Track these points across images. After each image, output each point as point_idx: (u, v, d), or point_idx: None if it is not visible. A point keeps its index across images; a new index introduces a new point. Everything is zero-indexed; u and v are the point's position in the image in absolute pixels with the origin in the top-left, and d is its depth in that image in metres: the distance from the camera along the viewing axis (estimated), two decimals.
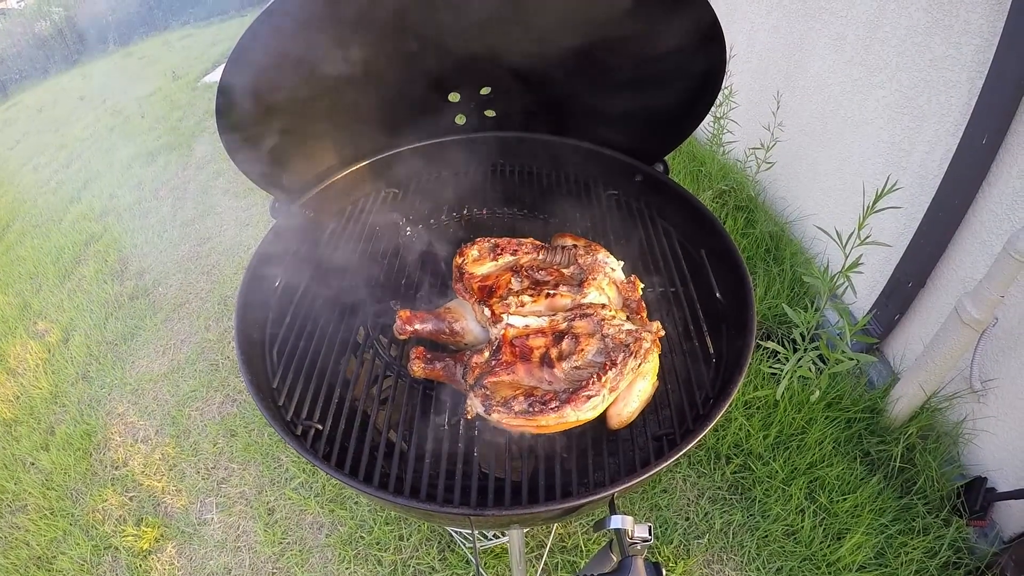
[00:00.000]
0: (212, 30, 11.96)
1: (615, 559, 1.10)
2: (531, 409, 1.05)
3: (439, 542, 2.43)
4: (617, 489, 0.99)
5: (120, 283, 4.30)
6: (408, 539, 2.44)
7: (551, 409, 1.05)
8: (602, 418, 1.13)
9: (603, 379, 1.07)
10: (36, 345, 3.87)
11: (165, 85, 8.50)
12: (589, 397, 1.06)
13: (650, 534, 0.99)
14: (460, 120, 1.94)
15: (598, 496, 0.98)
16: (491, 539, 2.26)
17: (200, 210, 5.08)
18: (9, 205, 6.07)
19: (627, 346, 1.13)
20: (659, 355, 1.20)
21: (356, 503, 2.61)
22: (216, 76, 8.45)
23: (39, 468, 3.05)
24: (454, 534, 2.37)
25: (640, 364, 1.11)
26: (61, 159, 6.86)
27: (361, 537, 2.49)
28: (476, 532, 1.11)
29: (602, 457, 1.21)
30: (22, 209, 5.87)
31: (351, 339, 1.46)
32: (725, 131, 3.91)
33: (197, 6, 13.29)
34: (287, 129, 1.58)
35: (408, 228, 1.80)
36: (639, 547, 0.99)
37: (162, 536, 2.66)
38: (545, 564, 2.31)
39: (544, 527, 2.40)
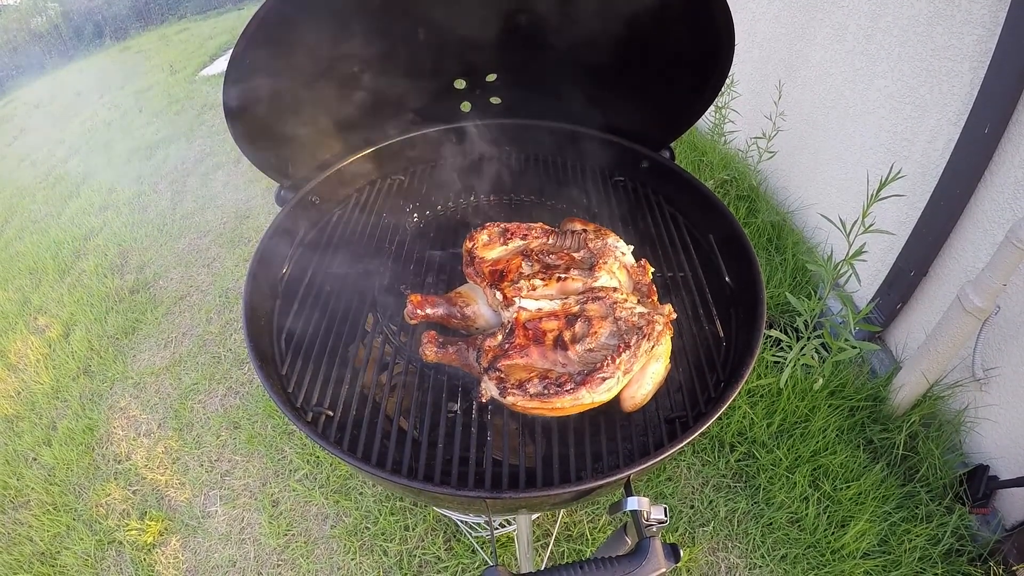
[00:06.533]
0: (209, 23, 11.90)
1: (630, 542, 1.10)
2: (546, 391, 1.05)
3: (444, 532, 2.43)
4: (633, 471, 0.99)
5: (120, 277, 4.29)
6: (414, 529, 2.45)
7: (566, 391, 1.05)
8: (614, 402, 1.13)
9: (618, 361, 1.07)
10: (37, 340, 3.86)
11: (163, 79, 8.46)
12: (604, 379, 1.06)
13: (666, 515, 1.00)
14: (466, 107, 1.93)
15: (615, 478, 0.98)
16: (497, 528, 2.26)
17: (200, 203, 5.06)
18: (8, 200, 6.04)
19: (640, 328, 1.13)
20: (671, 338, 1.20)
21: (361, 494, 2.61)
22: (214, 69, 8.46)
23: (41, 464, 3.05)
24: (460, 524, 2.38)
25: (653, 346, 1.12)
26: (59, 154, 6.82)
27: (366, 528, 2.50)
28: (489, 517, 1.11)
29: (615, 441, 1.21)
30: (21, 204, 5.84)
31: (360, 325, 1.46)
32: (727, 121, 3.91)
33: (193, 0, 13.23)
34: (293, 117, 1.58)
35: (415, 214, 1.80)
36: (655, 529, 1.00)
37: (166, 530, 2.66)
38: (551, 553, 2.32)
39: (551, 515, 2.40)
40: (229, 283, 4.04)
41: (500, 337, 1.19)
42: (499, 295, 1.26)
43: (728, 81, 3.64)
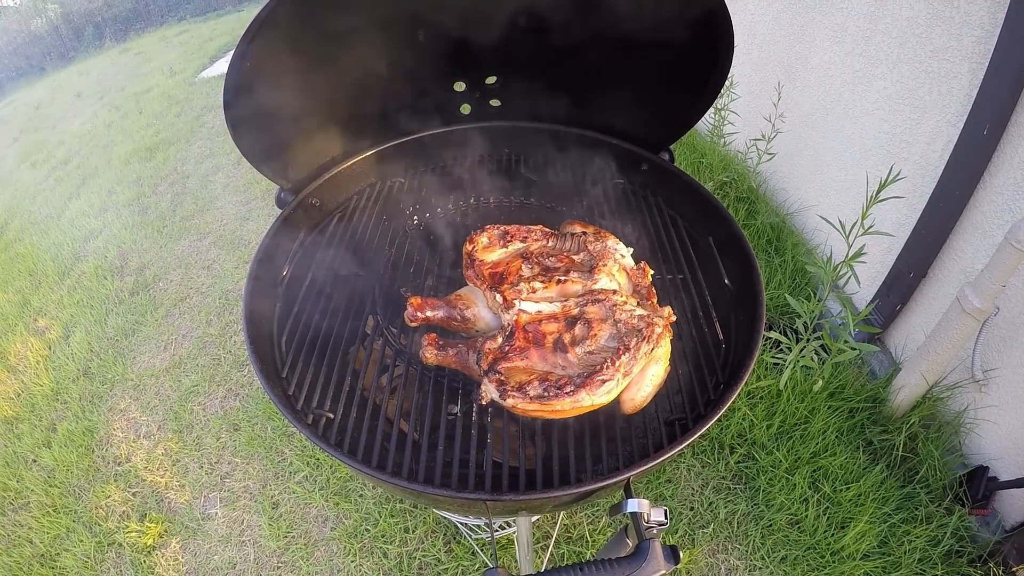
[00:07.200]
0: (209, 25, 11.92)
1: (631, 544, 1.10)
2: (546, 394, 1.06)
3: (444, 534, 2.43)
4: (633, 472, 0.99)
5: (120, 279, 4.29)
6: (414, 531, 2.45)
7: (566, 393, 1.05)
8: (614, 404, 1.14)
9: (617, 363, 1.08)
10: (37, 342, 3.86)
11: (162, 81, 8.48)
12: (604, 381, 1.06)
13: (666, 517, 1.00)
14: (465, 110, 1.94)
15: (614, 480, 0.98)
16: (497, 530, 2.26)
17: (199, 205, 5.07)
18: (7, 203, 6.05)
19: (639, 331, 1.13)
20: (670, 340, 1.20)
21: (361, 496, 2.61)
22: (214, 71, 8.48)
23: (41, 465, 3.05)
24: (460, 526, 2.38)
25: (653, 349, 1.12)
26: (59, 156, 6.84)
27: (366, 530, 2.50)
28: (489, 519, 1.11)
29: (615, 443, 1.21)
30: (21, 206, 5.85)
31: (360, 328, 1.46)
32: (726, 122, 3.91)
33: (193, 2, 13.25)
34: (293, 119, 1.58)
35: (415, 217, 1.80)
36: (655, 531, 1.00)
37: (166, 532, 2.66)
38: (551, 555, 2.32)
39: (551, 517, 2.41)
40: (229, 285, 4.04)
41: (500, 339, 1.19)
42: (499, 297, 1.26)
43: (727, 83, 3.64)
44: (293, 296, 1.50)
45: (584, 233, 1.45)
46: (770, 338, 2.75)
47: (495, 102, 1.93)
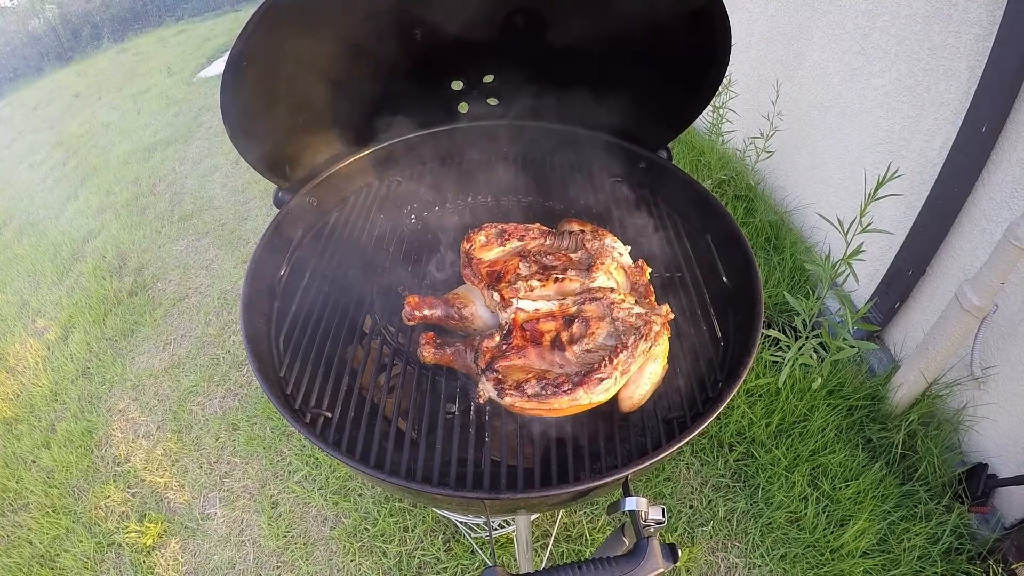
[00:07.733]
0: (207, 25, 11.91)
1: (627, 542, 1.10)
2: (544, 392, 1.05)
3: (444, 533, 2.43)
4: (631, 471, 0.99)
5: (119, 279, 4.28)
6: (413, 530, 2.45)
7: (564, 392, 1.05)
8: (612, 402, 1.14)
9: (615, 362, 1.07)
10: (35, 343, 3.85)
11: (160, 81, 8.48)
12: (602, 379, 1.06)
13: (664, 516, 1.00)
14: (463, 108, 1.94)
15: (613, 478, 0.98)
16: (496, 528, 2.26)
17: (198, 205, 5.06)
18: (6, 203, 6.04)
19: (637, 329, 1.13)
20: (668, 338, 1.20)
21: (360, 495, 2.61)
22: (212, 71, 8.47)
23: (40, 466, 3.04)
24: (459, 525, 2.37)
25: (651, 347, 1.12)
26: (57, 156, 6.83)
27: (366, 529, 2.50)
28: (488, 517, 1.11)
29: (613, 442, 1.21)
30: (19, 207, 5.85)
31: (358, 327, 1.46)
32: (724, 120, 3.91)
33: (191, 1, 13.25)
34: (291, 119, 1.58)
35: (412, 216, 1.80)
36: (653, 529, 1.00)
37: (166, 532, 2.66)
38: (551, 553, 2.32)
39: (550, 515, 2.41)
40: (227, 285, 4.04)
41: (498, 338, 1.19)
42: (496, 296, 1.26)
43: (725, 81, 3.64)
44: (291, 295, 1.50)
45: (582, 231, 1.45)
46: (769, 336, 2.75)
47: (492, 101, 1.93)
